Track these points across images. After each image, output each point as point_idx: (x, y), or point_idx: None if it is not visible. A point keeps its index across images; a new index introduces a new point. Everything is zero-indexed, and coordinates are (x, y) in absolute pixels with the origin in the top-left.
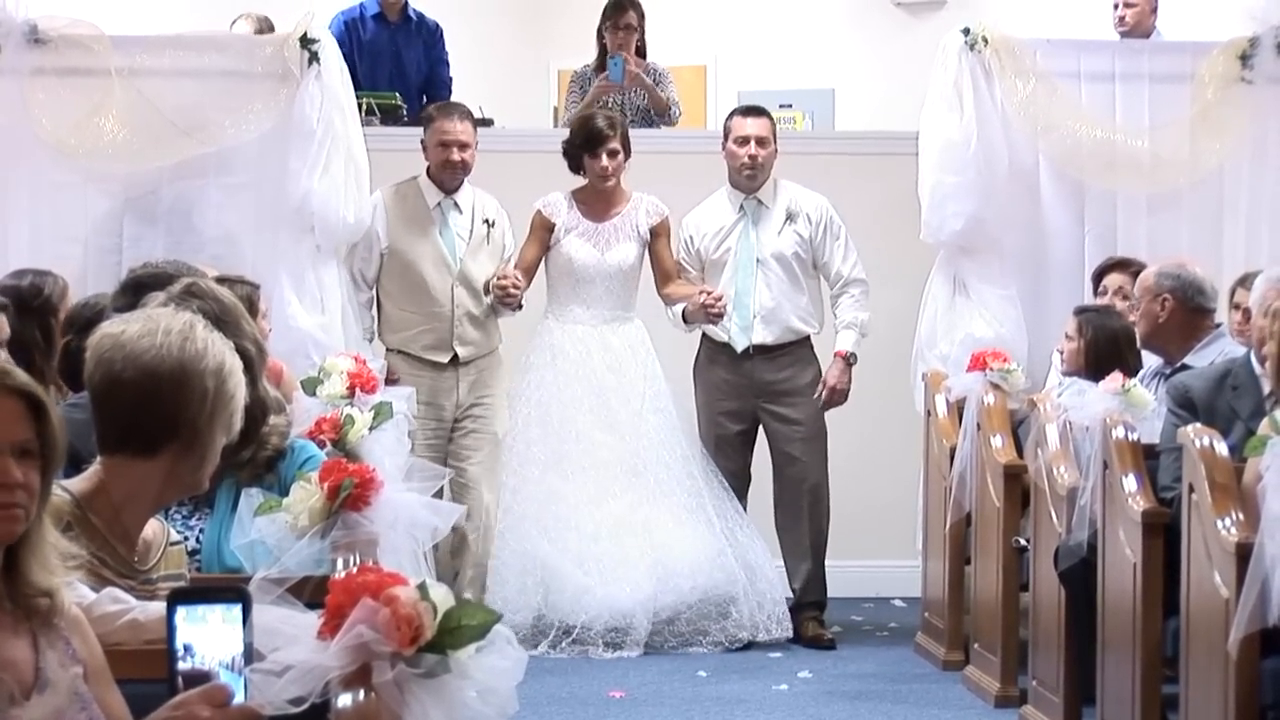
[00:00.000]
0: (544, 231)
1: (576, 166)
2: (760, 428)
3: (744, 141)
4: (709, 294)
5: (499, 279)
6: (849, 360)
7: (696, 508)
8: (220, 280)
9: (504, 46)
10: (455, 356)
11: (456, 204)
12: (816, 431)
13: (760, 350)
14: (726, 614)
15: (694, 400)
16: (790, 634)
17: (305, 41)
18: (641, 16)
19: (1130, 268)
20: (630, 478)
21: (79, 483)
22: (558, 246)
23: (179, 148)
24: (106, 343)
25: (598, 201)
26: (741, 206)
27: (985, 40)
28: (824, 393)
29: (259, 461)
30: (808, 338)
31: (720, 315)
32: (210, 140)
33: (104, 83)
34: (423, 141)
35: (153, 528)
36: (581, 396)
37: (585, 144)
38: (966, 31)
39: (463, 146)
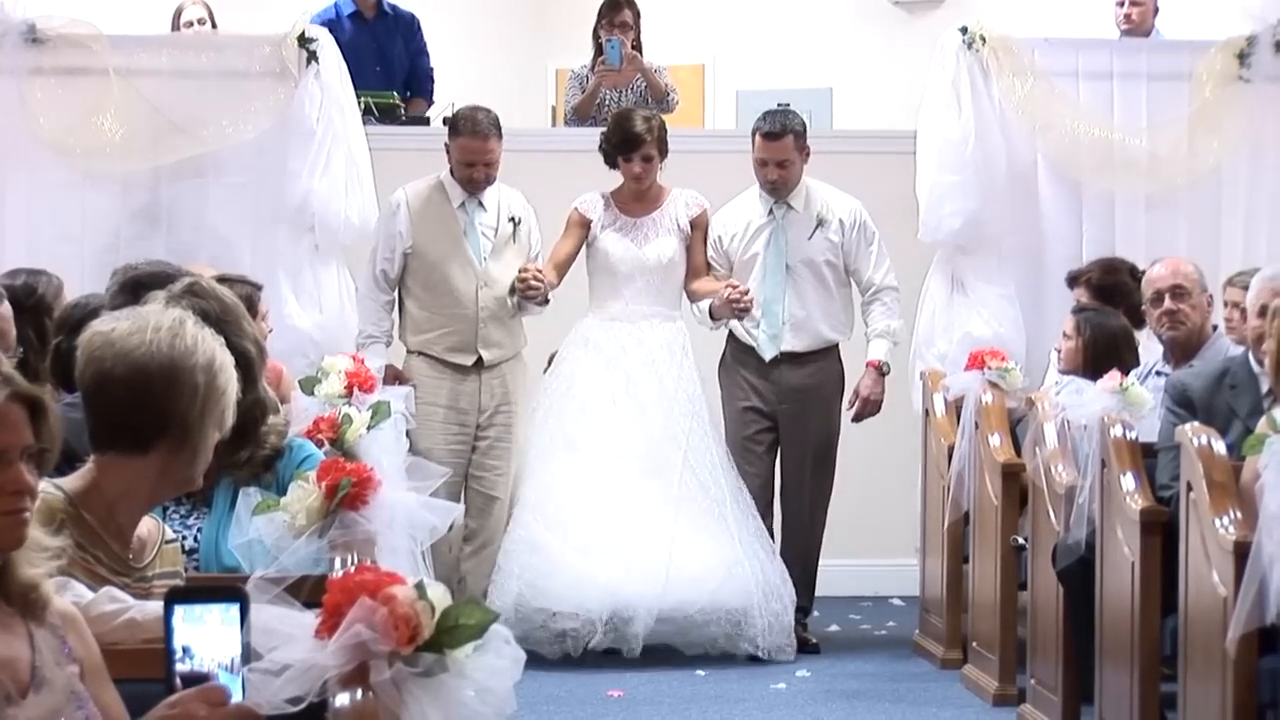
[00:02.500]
0: (579, 228)
1: (613, 164)
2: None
3: (763, 164)
4: (734, 287)
5: (522, 272)
6: (882, 370)
7: (717, 516)
8: (221, 280)
9: (502, 46)
10: (479, 360)
11: (481, 203)
12: (829, 442)
13: (787, 356)
14: (737, 627)
15: (720, 401)
16: (795, 652)
17: (303, 40)
18: (637, 15)
19: (1083, 276)
20: (652, 478)
21: (72, 481)
22: (595, 243)
23: (177, 147)
24: (97, 340)
25: (635, 199)
26: (771, 210)
27: (983, 39)
28: (856, 404)
29: (257, 461)
30: (836, 345)
31: (746, 310)
32: (208, 140)
33: (102, 82)
34: (446, 145)
35: (147, 526)
36: (609, 387)
37: (620, 147)
38: (964, 30)
39: (487, 165)
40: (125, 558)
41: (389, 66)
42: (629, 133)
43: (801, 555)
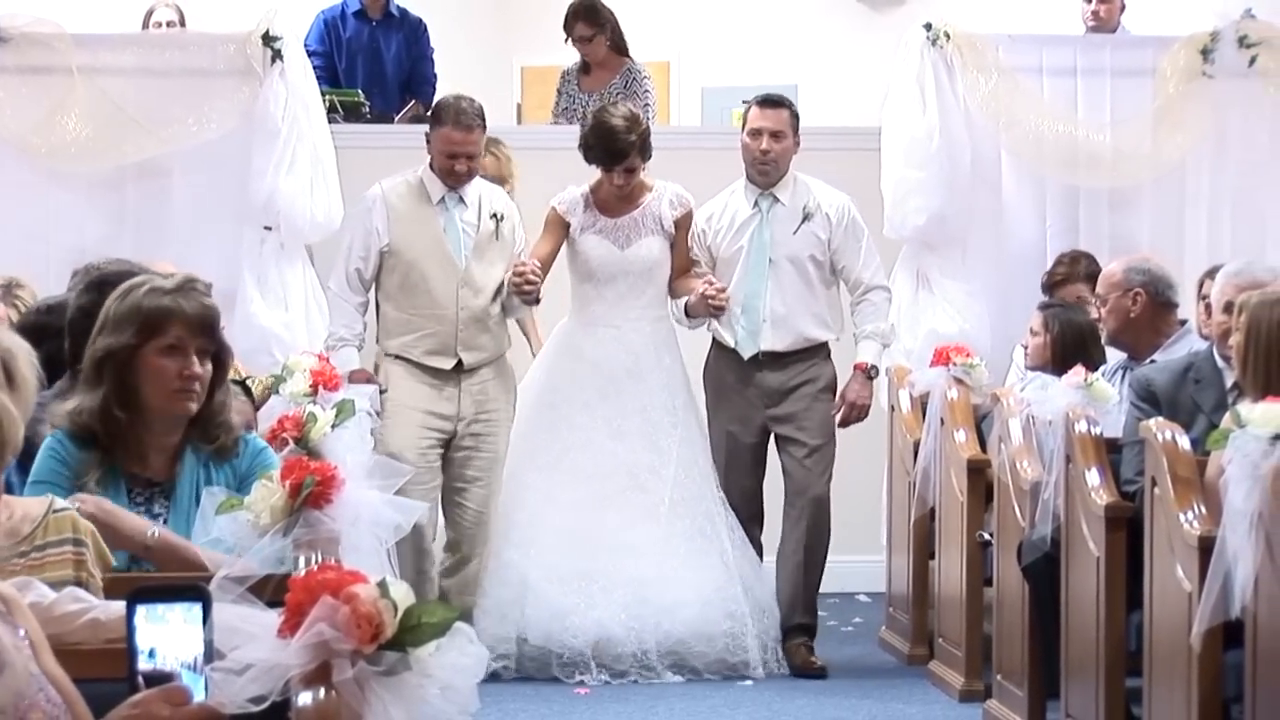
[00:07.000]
0: (559, 228)
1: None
2: (770, 439)
3: (756, 134)
4: (710, 284)
5: (517, 266)
6: (870, 374)
7: (711, 532)
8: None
9: (467, 43)
10: (459, 363)
11: (462, 198)
12: (823, 445)
13: (770, 356)
14: (729, 650)
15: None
16: (788, 671)
17: (268, 39)
18: (598, 25)
19: (1080, 266)
20: (636, 493)
21: None
22: (575, 246)
23: (142, 146)
24: None
25: (616, 198)
26: (756, 203)
27: (947, 36)
28: (843, 408)
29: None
30: (824, 344)
31: (721, 308)
32: (173, 138)
33: (66, 81)
34: (427, 136)
35: (28, 505)
36: (595, 403)
37: (601, 159)
38: (929, 27)
39: (469, 157)
40: None
41: (381, 67)
42: (611, 147)
43: (804, 568)
